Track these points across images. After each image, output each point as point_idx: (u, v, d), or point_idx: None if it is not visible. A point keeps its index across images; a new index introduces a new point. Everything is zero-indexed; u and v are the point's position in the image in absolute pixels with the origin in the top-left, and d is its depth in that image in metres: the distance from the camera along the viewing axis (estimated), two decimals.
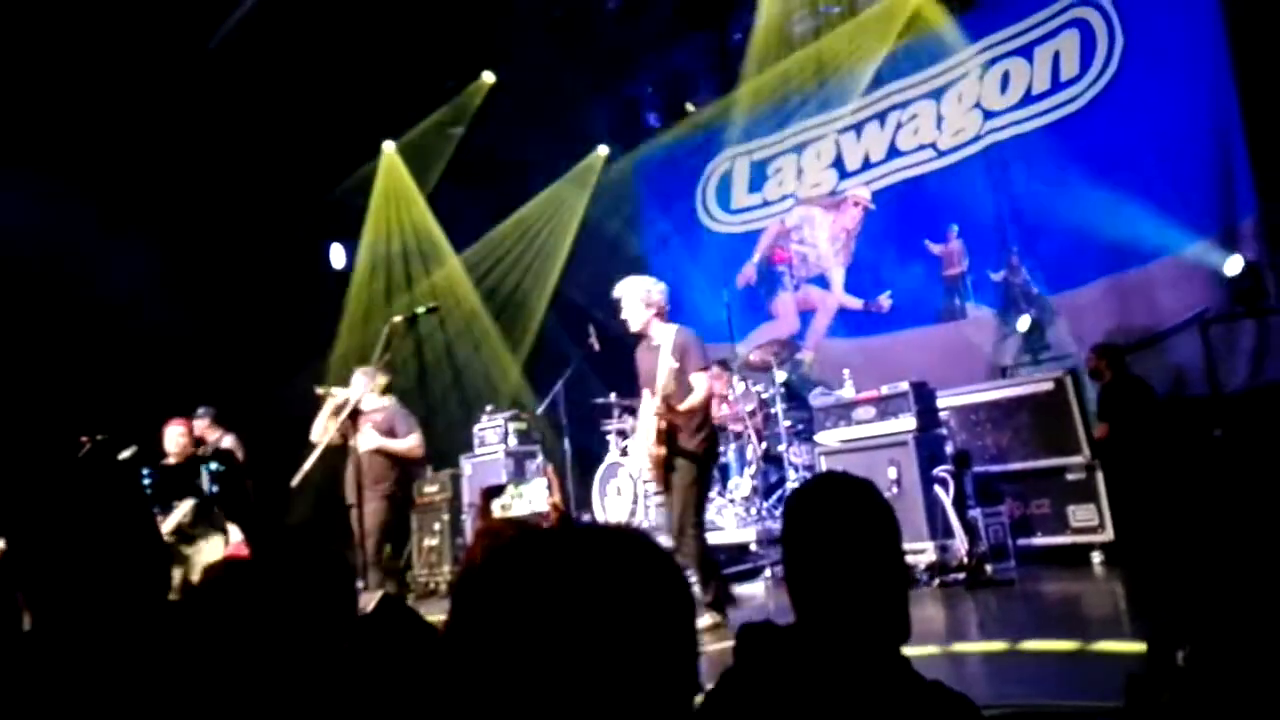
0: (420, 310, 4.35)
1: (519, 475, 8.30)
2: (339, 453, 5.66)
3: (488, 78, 10.36)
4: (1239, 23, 7.46)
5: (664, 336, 5.10)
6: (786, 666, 1.46)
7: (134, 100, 8.09)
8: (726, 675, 1.54)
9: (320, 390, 5.78)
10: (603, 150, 11.60)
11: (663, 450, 4.90)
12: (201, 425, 6.95)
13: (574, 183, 11.56)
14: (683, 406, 4.89)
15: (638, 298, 5.17)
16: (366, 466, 5.60)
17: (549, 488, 2.41)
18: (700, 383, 4.97)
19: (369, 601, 3.66)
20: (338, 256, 10.72)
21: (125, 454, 6.97)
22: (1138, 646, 4.09)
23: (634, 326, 5.20)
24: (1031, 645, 4.11)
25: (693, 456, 4.95)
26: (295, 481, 4.38)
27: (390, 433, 6.14)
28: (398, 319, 4.42)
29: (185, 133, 8.70)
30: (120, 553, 1.52)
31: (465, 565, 1.80)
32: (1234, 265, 7.27)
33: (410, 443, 6.18)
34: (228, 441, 6.80)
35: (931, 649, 4.09)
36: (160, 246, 8.14)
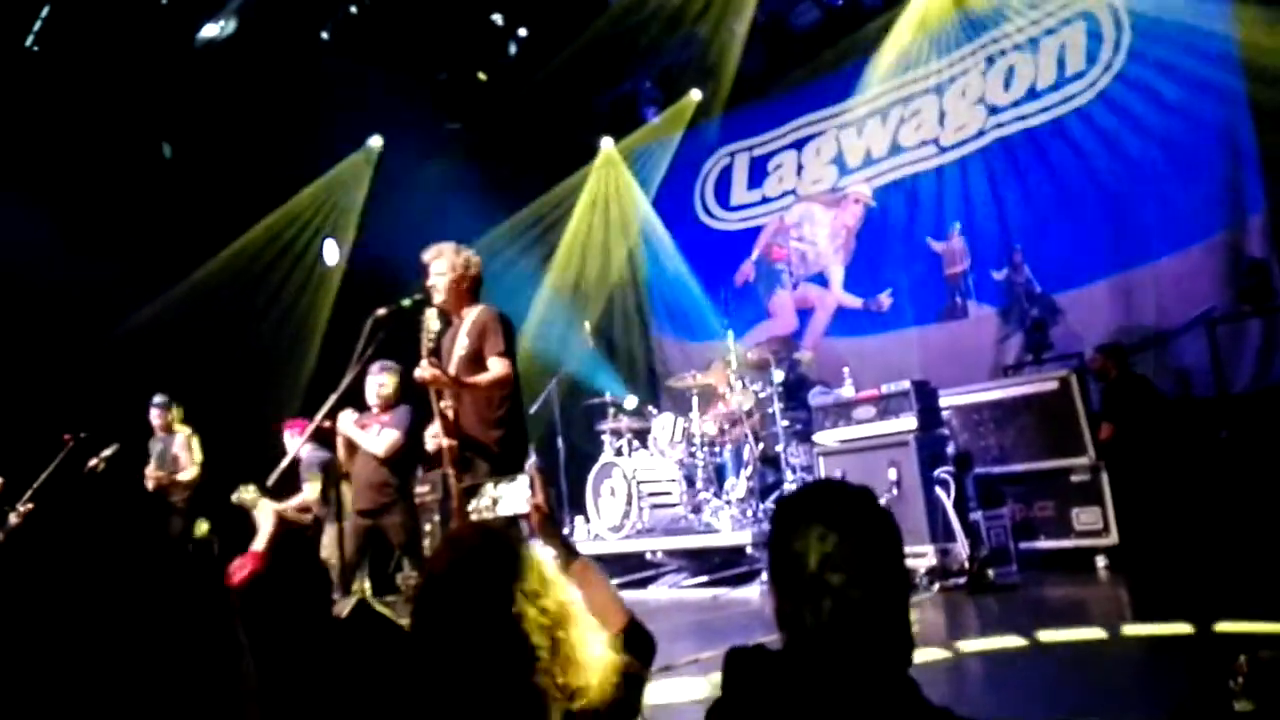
0: (406, 302, 4.12)
1: None
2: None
3: (480, 75, 10.22)
4: (1248, 15, 7.32)
5: (469, 315, 4.22)
6: (779, 698, 1.30)
7: (118, 101, 7.98)
8: (713, 710, 1.38)
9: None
10: (608, 144, 11.46)
11: (453, 442, 3.85)
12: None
13: (581, 179, 11.44)
14: (473, 379, 4.00)
15: (451, 265, 4.20)
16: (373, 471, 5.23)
17: (531, 487, 2.24)
18: (496, 367, 4.04)
19: (344, 607, 3.55)
20: (331, 253, 10.56)
21: (108, 451, 6.89)
22: (1148, 633, 3.95)
23: (439, 298, 4.20)
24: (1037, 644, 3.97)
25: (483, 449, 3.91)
26: (270, 480, 4.24)
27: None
28: (381, 311, 4.18)
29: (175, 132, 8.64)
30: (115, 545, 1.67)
31: (425, 571, 1.66)
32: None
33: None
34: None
35: (936, 654, 3.94)
36: (139, 250, 8.00)
